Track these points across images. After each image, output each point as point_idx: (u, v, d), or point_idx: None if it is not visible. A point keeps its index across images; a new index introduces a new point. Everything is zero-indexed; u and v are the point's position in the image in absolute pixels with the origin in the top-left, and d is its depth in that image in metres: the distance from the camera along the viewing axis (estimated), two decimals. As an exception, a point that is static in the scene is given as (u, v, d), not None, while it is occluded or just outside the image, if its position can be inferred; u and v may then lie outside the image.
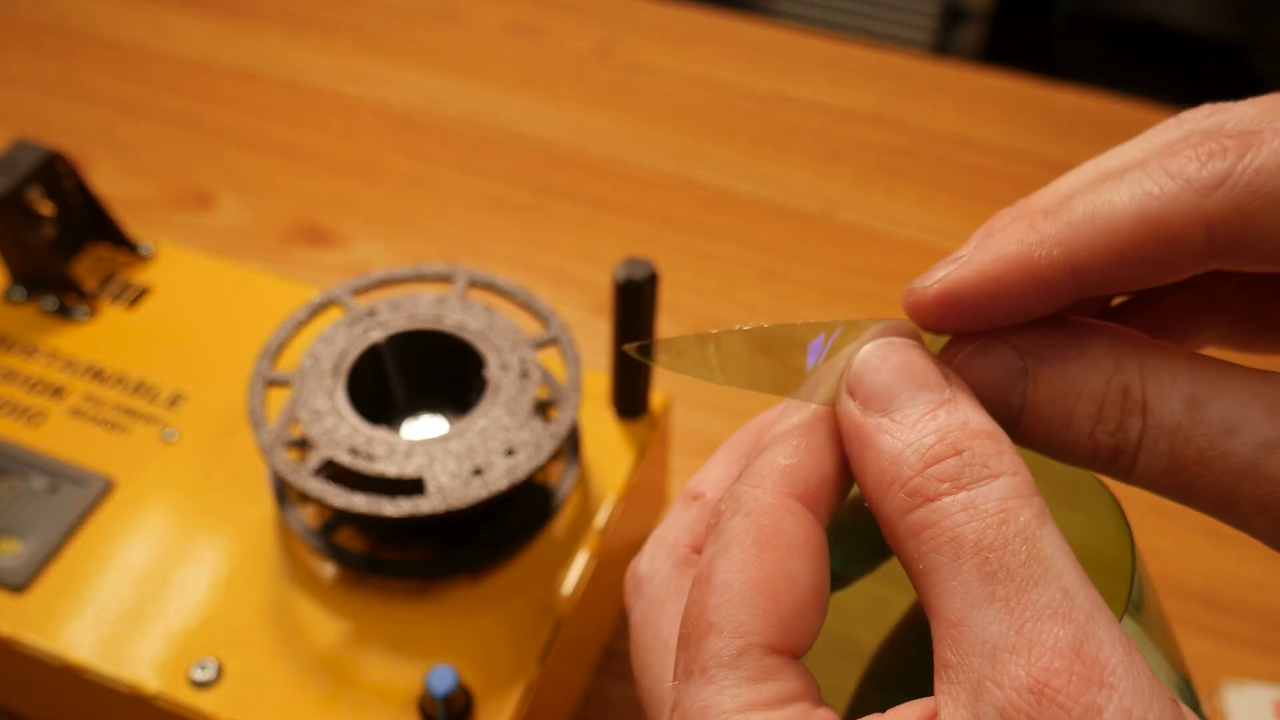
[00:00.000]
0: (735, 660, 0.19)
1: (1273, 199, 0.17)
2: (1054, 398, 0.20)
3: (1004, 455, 0.19)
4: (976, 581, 0.18)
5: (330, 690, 0.38)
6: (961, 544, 0.18)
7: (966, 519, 0.18)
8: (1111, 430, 0.19)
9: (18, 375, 0.46)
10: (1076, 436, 0.20)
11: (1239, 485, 0.19)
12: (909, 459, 0.19)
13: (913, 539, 0.19)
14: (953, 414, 0.19)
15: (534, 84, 0.76)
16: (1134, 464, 0.19)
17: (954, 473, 0.18)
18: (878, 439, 0.19)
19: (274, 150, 0.71)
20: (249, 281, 0.50)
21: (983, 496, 0.18)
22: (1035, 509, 0.18)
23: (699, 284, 0.64)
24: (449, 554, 0.40)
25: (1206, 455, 0.19)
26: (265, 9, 0.81)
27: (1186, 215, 0.18)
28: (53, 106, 0.73)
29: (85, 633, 0.39)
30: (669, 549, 0.25)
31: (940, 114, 0.75)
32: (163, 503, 0.42)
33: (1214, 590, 0.51)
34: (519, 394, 0.40)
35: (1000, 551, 0.18)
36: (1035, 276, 0.19)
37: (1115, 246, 0.19)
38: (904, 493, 0.19)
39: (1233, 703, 0.46)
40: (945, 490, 0.18)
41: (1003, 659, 0.17)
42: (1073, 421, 0.20)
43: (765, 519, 0.20)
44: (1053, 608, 0.17)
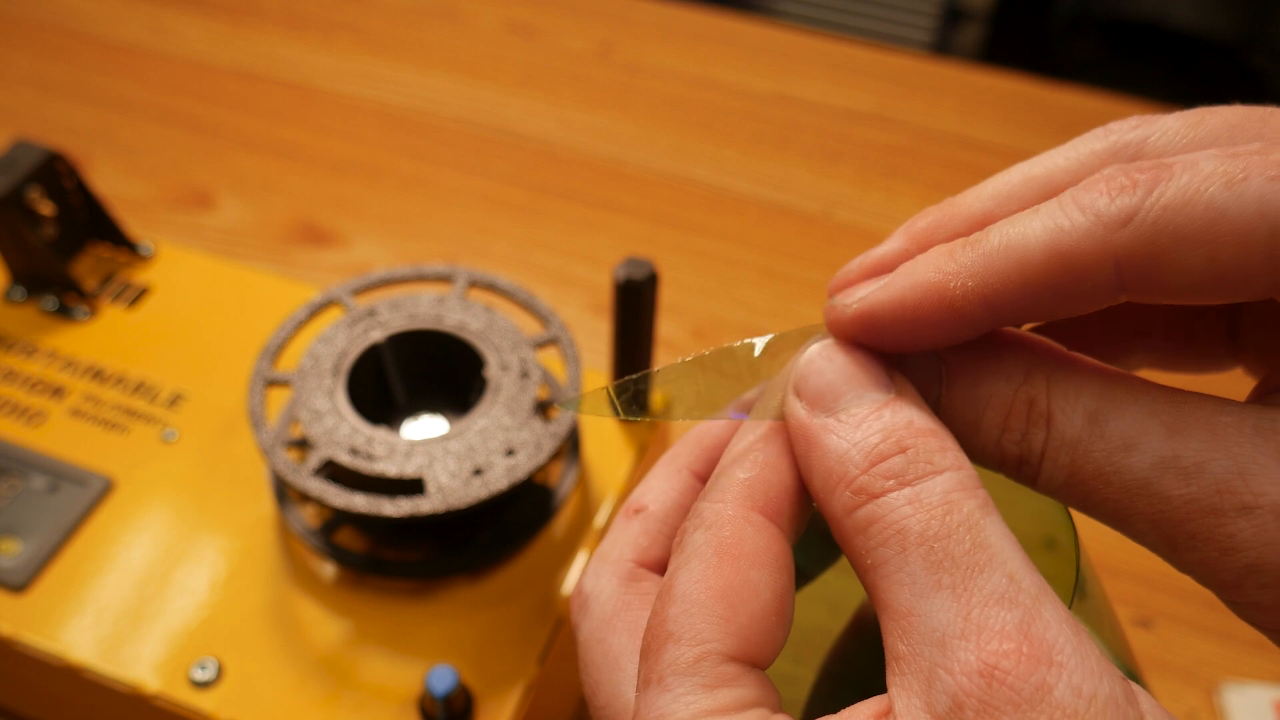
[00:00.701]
0: (691, 668, 0.19)
1: (1178, 236, 0.18)
2: (964, 405, 0.20)
3: (948, 451, 0.19)
4: (923, 571, 0.18)
5: (330, 690, 0.38)
6: (907, 535, 0.18)
7: (911, 511, 0.18)
8: (1016, 440, 0.20)
9: (18, 375, 0.46)
10: (984, 443, 0.20)
11: (1134, 502, 0.19)
12: (854, 458, 0.19)
13: (860, 535, 0.19)
14: (897, 413, 0.20)
15: (534, 84, 0.76)
16: (1038, 474, 0.20)
17: (899, 469, 0.19)
18: (824, 439, 0.20)
19: (274, 150, 0.71)
20: (249, 281, 0.50)
21: (927, 490, 0.19)
22: (979, 500, 0.19)
23: (699, 284, 0.64)
24: (449, 554, 0.40)
25: (1104, 471, 0.19)
26: (265, 9, 0.81)
27: (1095, 250, 0.18)
28: (53, 106, 0.73)
29: (85, 633, 0.39)
30: (613, 565, 0.25)
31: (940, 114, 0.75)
32: (163, 503, 0.42)
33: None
34: (519, 394, 0.40)
35: (945, 541, 0.18)
36: (950, 306, 0.20)
37: (1027, 279, 0.19)
38: (850, 491, 0.19)
39: (1233, 703, 0.46)
40: (890, 486, 0.19)
41: (952, 645, 0.17)
42: (980, 429, 0.20)
43: (726, 530, 0.20)
44: (999, 592, 0.17)
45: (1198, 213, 0.17)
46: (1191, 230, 0.18)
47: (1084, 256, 0.18)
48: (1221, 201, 0.17)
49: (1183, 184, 0.18)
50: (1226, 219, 0.17)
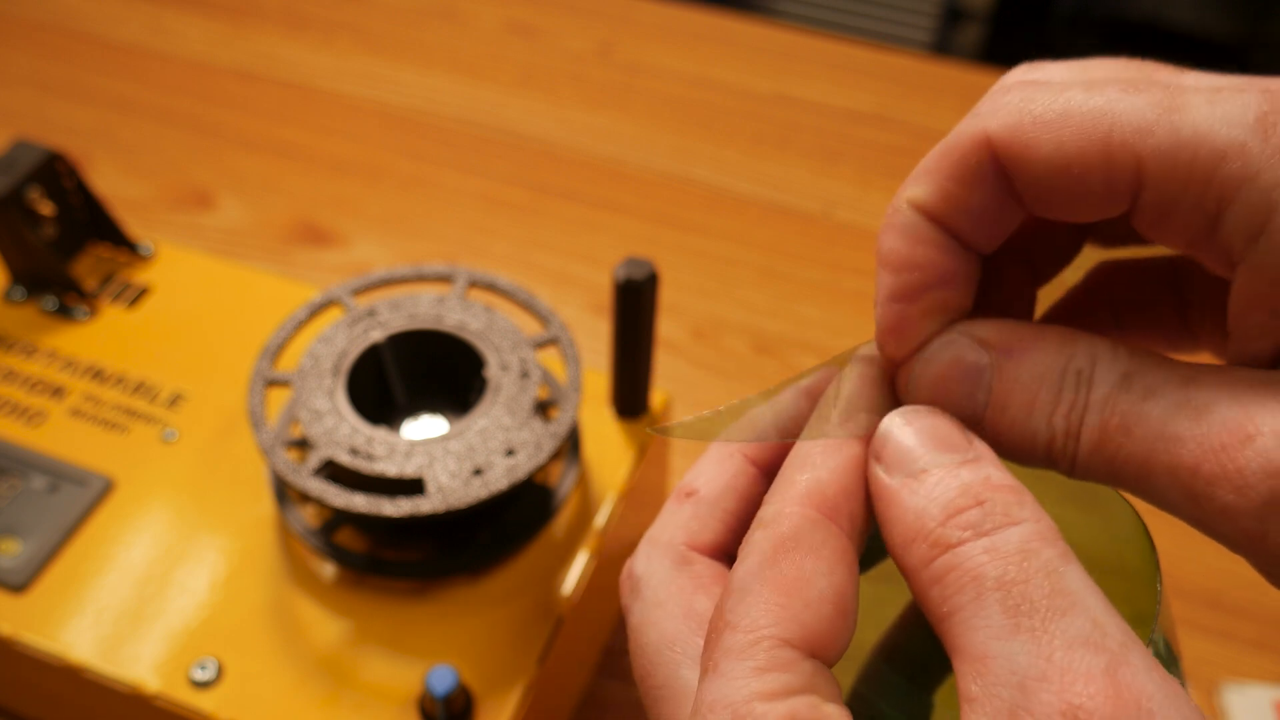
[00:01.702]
0: (744, 652, 0.19)
1: (1037, 121, 0.20)
2: (1019, 388, 0.20)
3: (1025, 505, 0.19)
4: (1000, 614, 0.18)
5: (330, 690, 0.38)
6: (984, 581, 0.18)
7: (988, 559, 0.18)
8: (1066, 413, 0.20)
9: (18, 375, 0.46)
10: (1038, 425, 0.20)
11: (1153, 451, 0.19)
12: (932, 512, 0.19)
13: (936, 585, 0.19)
14: (975, 471, 0.20)
15: (534, 84, 0.76)
16: (1078, 444, 0.20)
17: (975, 521, 0.19)
18: (903, 496, 0.20)
19: (274, 150, 0.71)
20: (249, 281, 0.50)
21: (1004, 539, 0.19)
22: (1059, 549, 0.18)
23: (699, 284, 0.64)
24: (449, 554, 0.40)
25: (1127, 422, 0.19)
26: (265, 9, 0.81)
27: (975, 133, 0.20)
28: (53, 106, 0.73)
29: (85, 633, 0.39)
30: (664, 548, 0.25)
31: (940, 114, 0.75)
32: (163, 503, 0.42)
33: (1214, 590, 0.51)
34: (519, 394, 0.40)
35: (1024, 585, 0.18)
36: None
37: (950, 171, 0.20)
38: (927, 544, 0.19)
39: (1233, 703, 0.46)
40: (967, 537, 0.19)
41: (1032, 688, 0.17)
42: (1035, 409, 0.20)
43: (784, 526, 0.21)
44: (1083, 637, 0.17)
45: (1056, 106, 0.19)
46: (1048, 117, 0.19)
47: (966, 139, 0.20)
48: (1078, 100, 0.19)
49: (1052, 89, 0.20)
50: (1076, 112, 0.19)
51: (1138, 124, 0.19)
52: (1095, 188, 0.19)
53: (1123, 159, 0.19)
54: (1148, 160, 0.19)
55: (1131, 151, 0.19)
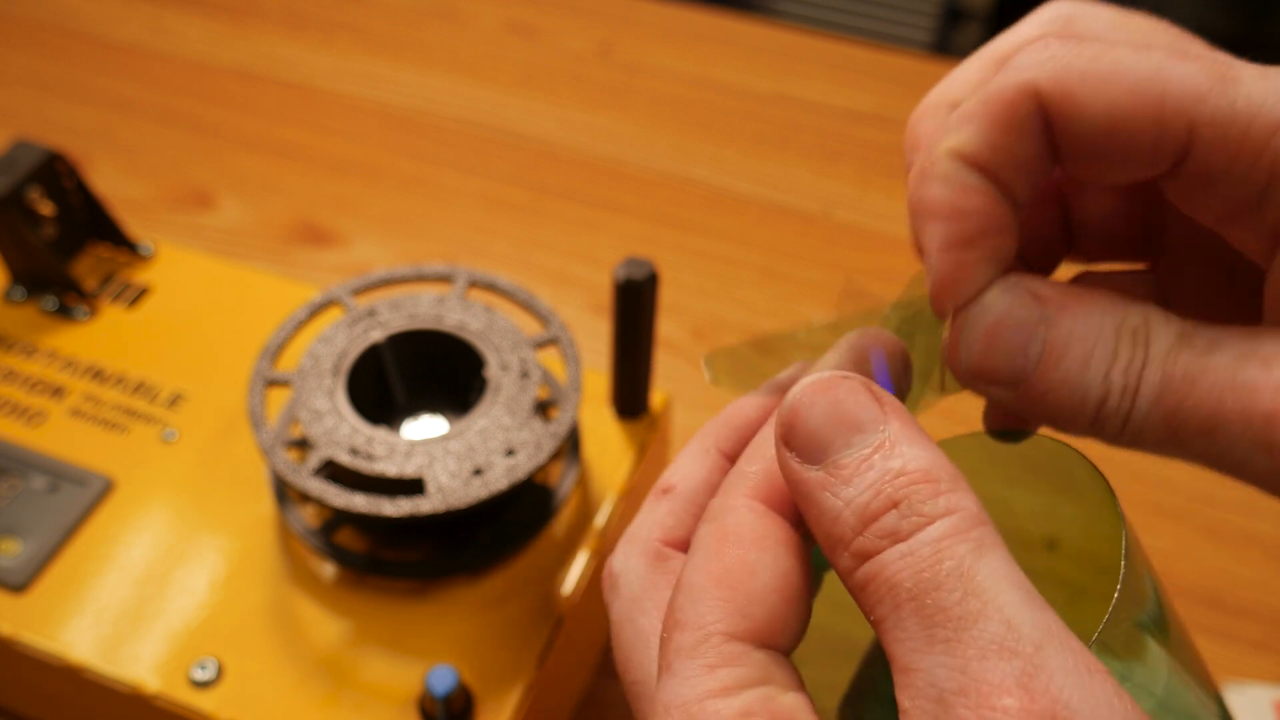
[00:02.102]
0: (694, 650, 0.19)
1: (1084, 76, 0.19)
2: (1073, 341, 0.20)
3: (940, 496, 0.19)
4: (918, 626, 0.18)
5: (330, 690, 0.38)
6: (899, 591, 0.18)
7: (902, 566, 0.18)
8: (1124, 367, 0.20)
9: (18, 375, 0.46)
10: (1092, 381, 0.20)
11: (1223, 400, 0.19)
12: (848, 520, 0.19)
13: (861, 593, 0.19)
14: (888, 460, 0.19)
15: (534, 84, 0.76)
16: (1135, 399, 0.20)
17: (892, 527, 0.19)
18: (818, 496, 0.20)
19: (274, 150, 0.71)
20: (249, 281, 0.50)
21: (919, 542, 0.18)
22: (973, 541, 0.18)
23: (699, 284, 0.64)
24: (449, 554, 0.40)
25: (1191, 372, 0.19)
26: (265, 9, 0.81)
27: (1022, 83, 0.20)
28: (53, 106, 0.73)
29: (85, 633, 0.39)
30: (641, 545, 0.25)
31: (940, 114, 0.75)
32: (163, 503, 0.42)
33: (1214, 590, 0.51)
34: (519, 394, 0.40)
35: (936, 593, 0.18)
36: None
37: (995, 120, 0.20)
38: (848, 554, 0.19)
39: (1233, 703, 0.46)
40: (885, 545, 0.18)
41: (950, 702, 0.17)
42: (1091, 363, 0.20)
43: (728, 519, 0.21)
44: (996, 642, 0.17)
45: (1106, 63, 0.19)
46: (1099, 74, 0.19)
47: (1013, 89, 0.20)
48: (1130, 60, 0.19)
49: (1099, 46, 0.20)
50: (1129, 72, 0.19)
51: (1191, 90, 0.19)
52: (1142, 148, 0.19)
53: (1175, 122, 0.19)
54: (1201, 126, 0.19)
55: (1185, 116, 0.19)
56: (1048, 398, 0.20)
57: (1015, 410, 0.21)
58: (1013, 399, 0.21)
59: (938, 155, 0.21)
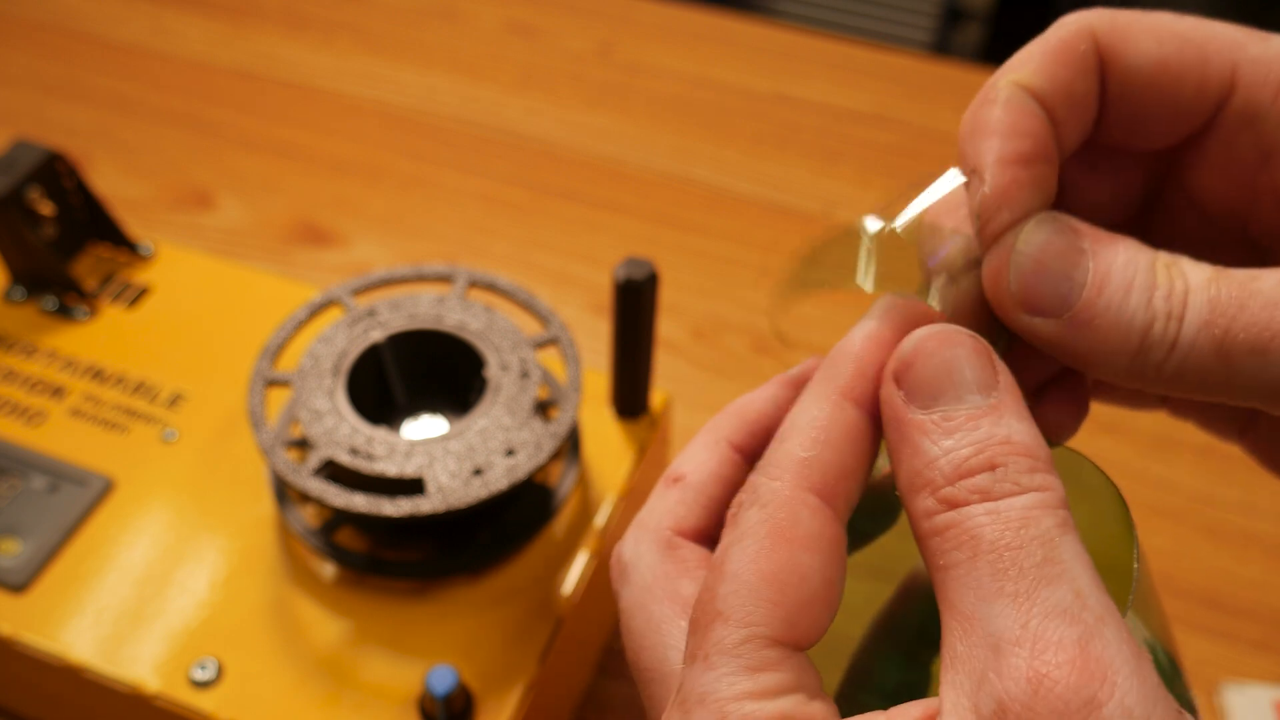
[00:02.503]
0: (737, 649, 0.19)
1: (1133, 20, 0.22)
2: (1114, 270, 0.20)
3: (1037, 473, 0.19)
4: (989, 578, 0.18)
5: (330, 690, 0.38)
6: (979, 543, 0.18)
7: (988, 521, 0.19)
8: (1166, 294, 0.20)
9: (18, 375, 0.46)
10: (1136, 307, 0.20)
11: (1273, 317, 0.19)
12: (943, 467, 0.19)
13: (936, 537, 0.19)
14: (996, 425, 0.19)
15: (534, 84, 0.76)
16: (1181, 327, 0.20)
17: (985, 486, 0.19)
18: (917, 438, 0.20)
19: (274, 150, 0.71)
20: (249, 281, 0.50)
21: (1008, 505, 0.19)
22: (1059, 519, 0.19)
23: (699, 284, 0.64)
24: (449, 554, 0.40)
25: (1238, 295, 0.20)
26: (265, 9, 0.81)
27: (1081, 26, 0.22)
28: (53, 106, 0.73)
29: (85, 633, 0.39)
30: (652, 533, 0.25)
31: (940, 114, 0.75)
32: (163, 503, 0.42)
33: (1214, 590, 0.51)
34: (519, 394, 0.40)
35: (1017, 552, 0.18)
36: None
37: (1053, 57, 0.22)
38: (934, 497, 0.19)
39: (1233, 703, 0.46)
40: (974, 499, 0.19)
41: (1006, 650, 0.17)
42: (1133, 290, 0.20)
43: (781, 512, 0.20)
44: (1063, 607, 0.17)
45: (1150, 16, 0.21)
46: (1146, 21, 0.21)
47: (1070, 28, 0.22)
48: (1170, 17, 0.21)
49: (1140, 11, 0.21)
50: (1171, 23, 0.21)
51: (1232, 39, 0.21)
52: (1188, 91, 0.21)
53: (1219, 64, 0.21)
54: (1243, 67, 0.21)
55: (1227, 59, 0.21)
56: (1093, 325, 0.20)
57: (1058, 348, 0.21)
58: (1057, 331, 0.21)
59: (999, 84, 0.22)
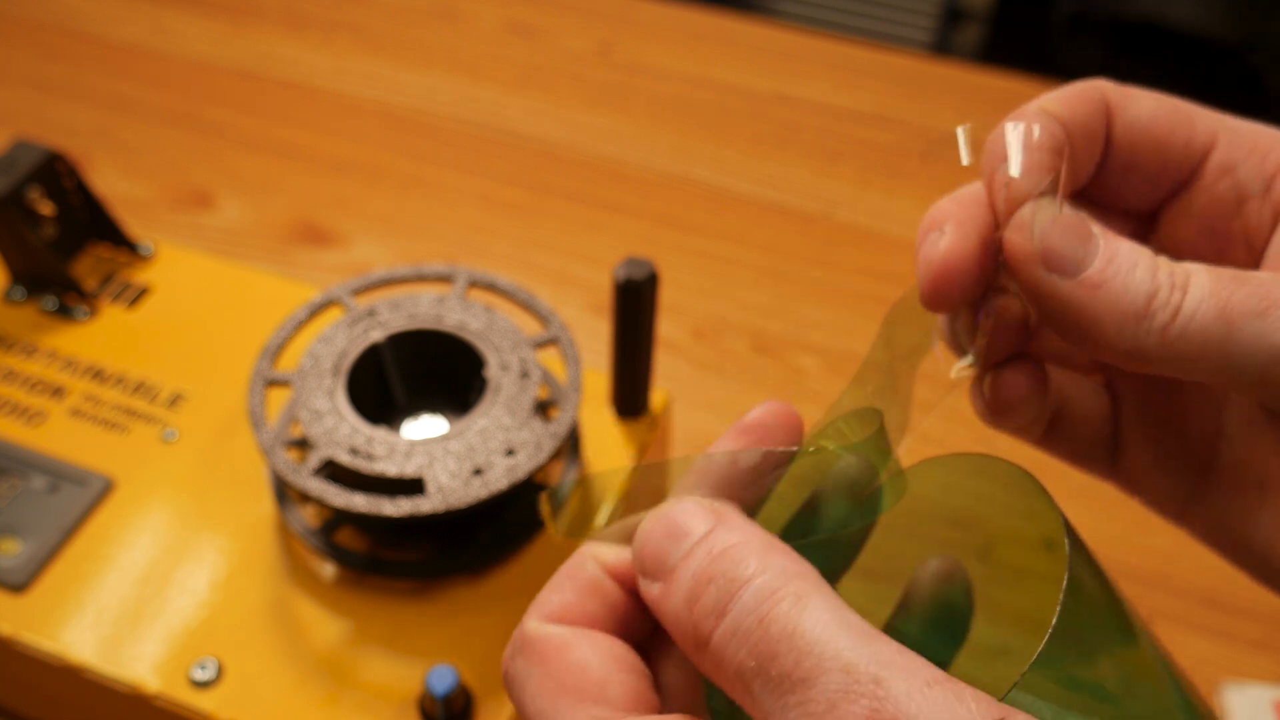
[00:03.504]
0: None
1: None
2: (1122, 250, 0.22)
3: (748, 559, 0.20)
4: (771, 698, 0.19)
5: (330, 690, 0.38)
6: (745, 671, 0.19)
7: (739, 646, 0.19)
8: (1170, 272, 0.22)
9: (18, 375, 0.46)
10: (1142, 277, 0.22)
11: (1271, 291, 0.21)
12: (683, 613, 0.20)
13: (717, 678, 0.20)
14: (706, 545, 0.20)
15: (534, 84, 0.76)
16: (1184, 296, 0.22)
17: (712, 605, 0.20)
18: (664, 608, 0.21)
19: (274, 150, 0.71)
20: (249, 281, 0.50)
21: (741, 615, 0.19)
22: (791, 596, 0.19)
23: (699, 284, 0.64)
24: (449, 554, 0.40)
25: (1237, 275, 0.22)
26: (265, 9, 0.81)
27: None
28: (53, 106, 0.73)
29: (85, 633, 0.39)
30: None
31: (940, 114, 0.75)
32: (163, 503, 0.42)
33: (1214, 590, 0.51)
34: (519, 394, 0.40)
35: (775, 662, 0.18)
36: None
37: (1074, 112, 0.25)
38: (694, 646, 0.20)
39: (1233, 703, 0.46)
40: (713, 625, 0.19)
41: None
42: (1138, 267, 0.22)
43: (537, 643, 0.22)
44: (840, 690, 0.18)
45: (1148, 93, 0.26)
46: (1143, 92, 0.26)
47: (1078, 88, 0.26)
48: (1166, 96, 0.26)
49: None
50: (1166, 97, 0.26)
51: (1213, 113, 0.26)
52: (1179, 143, 0.25)
53: (1204, 126, 0.25)
54: (1222, 132, 0.25)
55: (1211, 124, 0.25)
56: (1104, 287, 0.22)
57: (1069, 309, 0.22)
58: (1069, 290, 0.22)
59: (1031, 107, 0.25)
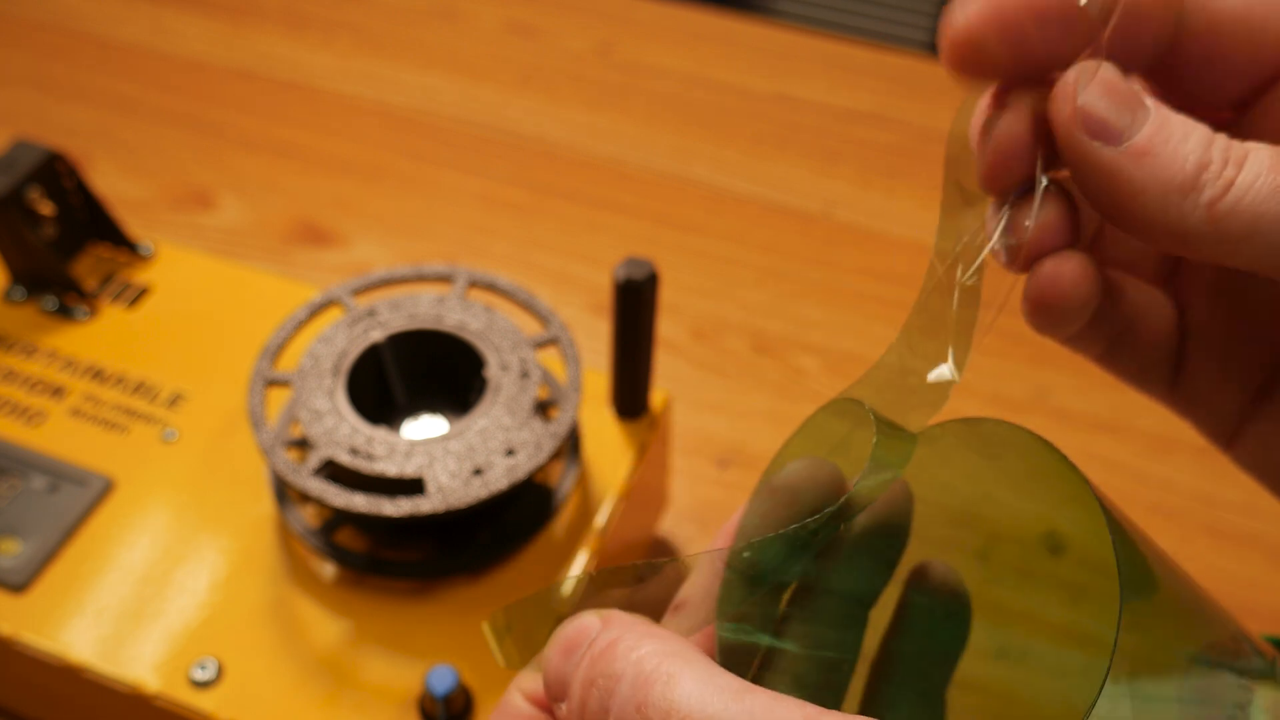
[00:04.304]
0: None
1: None
2: (1174, 120, 0.21)
3: (622, 654, 0.20)
4: None
5: (330, 690, 0.38)
6: None
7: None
8: (1225, 147, 0.20)
9: (18, 375, 0.46)
10: (1194, 147, 0.20)
11: None
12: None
13: None
14: (591, 652, 0.21)
15: (534, 84, 0.76)
16: (1239, 171, 0.20)
17: (598, 707, 0.20)
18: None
19: (274, 150, 0.71)
20: (249, 281, 0.50)
21: (623, 705, 0.19)
22: (664, 675, 0.19)
23: (699, 284, 0.64)
24: (449, 554, 0.40)
25: None
26: (265, 9, 0.81)
27: None
28: (53, 106, 0.73)
29: (85, 633, 0.39)
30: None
31: (940, 114, 0.75)
32: (163, 503, 0.42)
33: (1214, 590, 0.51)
34: (519, 394, 0.40)
35: None
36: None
37: None
38: None
39: (1233, 703, 0.46)
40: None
41: None
42: (1191, 136, 0.20)
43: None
44: None
45: None
46: None
47: None
48: None
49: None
50: None
51: None
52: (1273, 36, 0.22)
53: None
54: None
55: None
56: (1151, 155, 0.20)
57: (1111, 179, 0.21)
58: (1112, 159, 0.21)
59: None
